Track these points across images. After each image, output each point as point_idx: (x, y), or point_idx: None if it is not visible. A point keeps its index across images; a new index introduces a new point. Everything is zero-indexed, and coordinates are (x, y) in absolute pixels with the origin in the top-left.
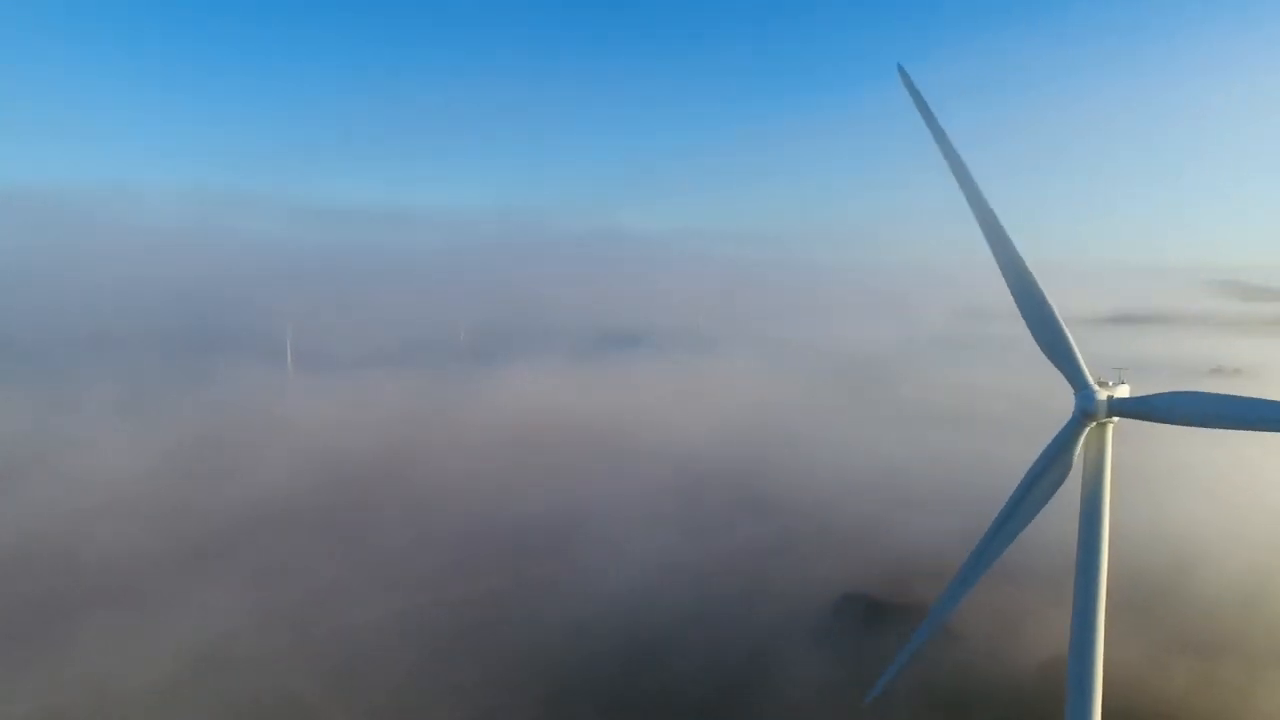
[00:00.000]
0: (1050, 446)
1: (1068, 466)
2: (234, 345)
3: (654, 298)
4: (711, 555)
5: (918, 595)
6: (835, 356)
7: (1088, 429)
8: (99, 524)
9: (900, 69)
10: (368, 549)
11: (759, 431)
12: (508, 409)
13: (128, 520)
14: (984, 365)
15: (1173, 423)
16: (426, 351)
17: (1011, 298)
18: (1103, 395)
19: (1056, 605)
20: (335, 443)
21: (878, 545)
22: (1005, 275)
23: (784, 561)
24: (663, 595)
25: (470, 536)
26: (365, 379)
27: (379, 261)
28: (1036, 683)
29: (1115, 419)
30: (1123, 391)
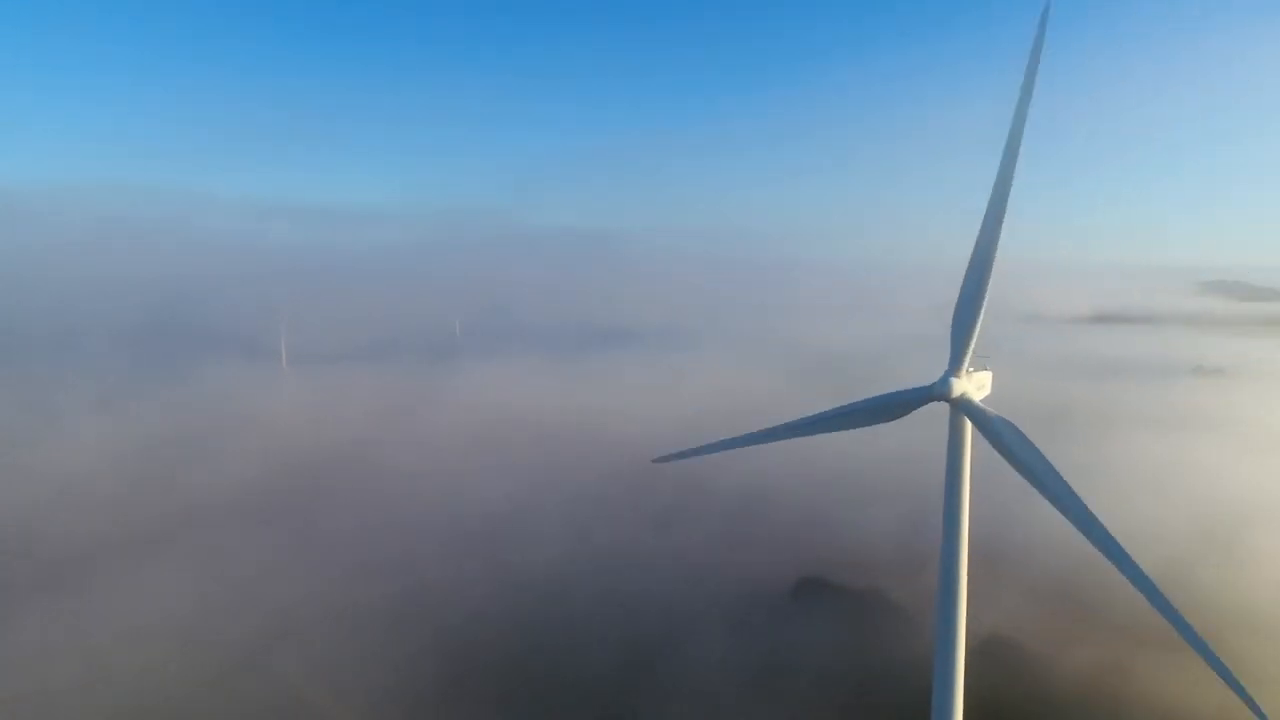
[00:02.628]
0: (894, 396)
1: (886, 417)
2: (190, 340)
3: (627, 294)
4: (678, 543)
5: (869, 579)
6: (811, 353)
7: (929, 404)
8: (60, 512)
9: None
10: (325, 539)
11: (727, 426)
12: (476, 405)
13: (84, 508)
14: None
15: (992, 444)
16: (389, 347)
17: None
18: (957, 391)
19: (995, 586)
20: (297, 436)
21: (835, 534)
22: (975, 252)
23: (748, 548)
24: (631, 582)
25: (423, 527)
26: (326, 374)
27: (324, 258)
28: (975, 658)
29: (973, 395)
30: (983, 379)
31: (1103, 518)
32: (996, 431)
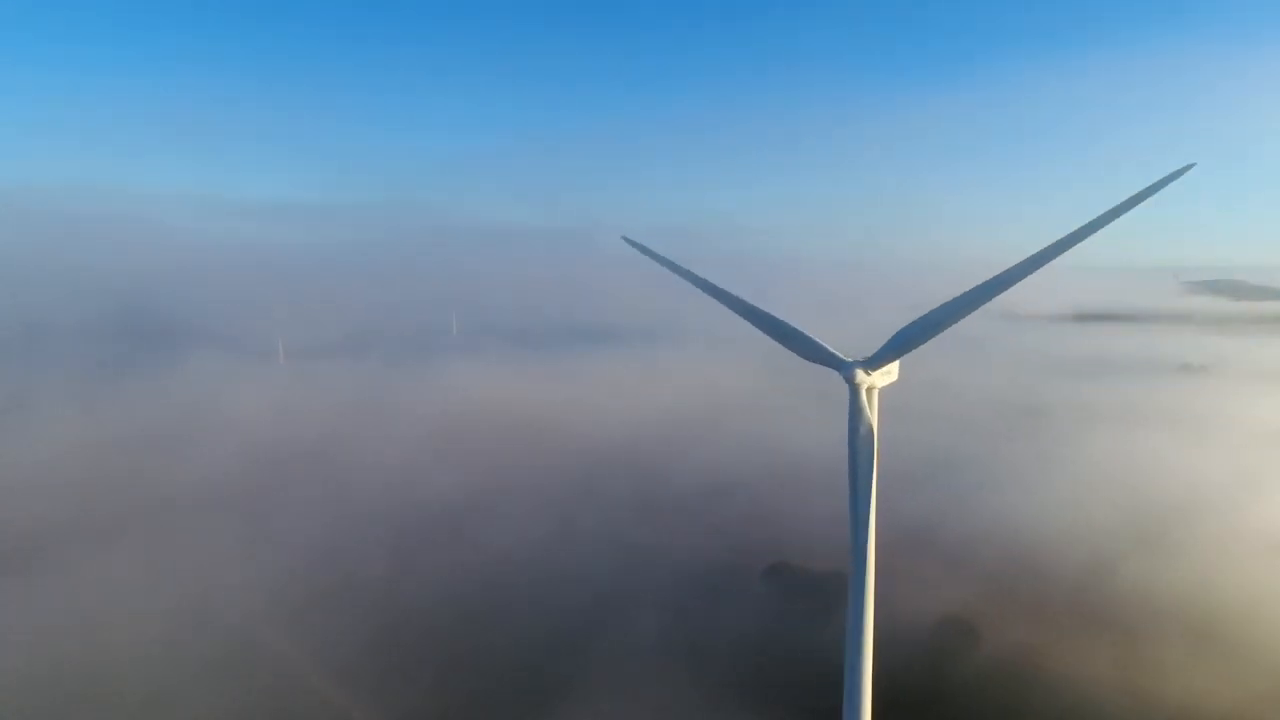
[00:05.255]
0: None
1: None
2: (152, 337)
3: (586, 292)
4: (652, 534)
5: (833, 563)
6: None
7: (864, 390)
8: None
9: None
10: (282, 531)
11: (706, 423)
12: (443, 400)
13: (56, 497)
14: (933, 361)
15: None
16: (355, 343)
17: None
18: (863, 384)
19: (954, 570)
20: (260, 431)
21: (803, 521)
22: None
23: (719, 536)
24: (608, 571)
25: (396, 520)
26: (299, 370)
27: (268, 255)
28: (933, 636)
29: (877, 386)
30: (890, 367)
31: (1072, 510)
32: (857, 421)
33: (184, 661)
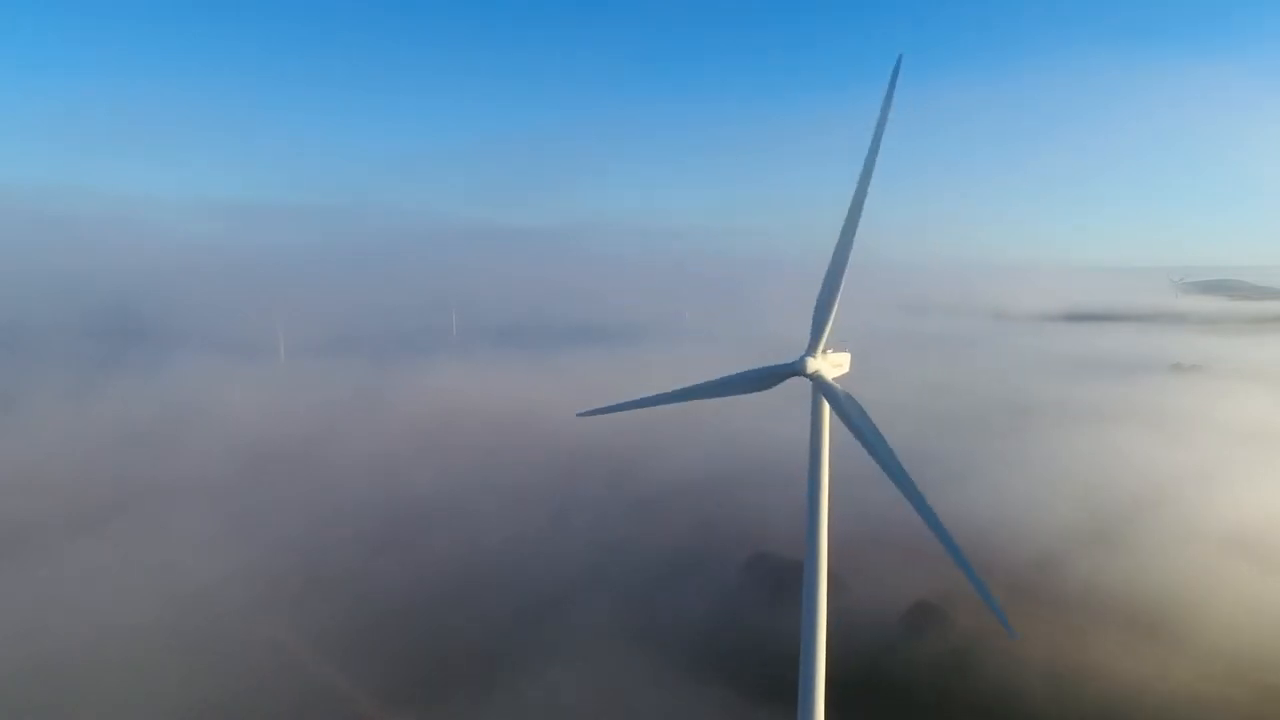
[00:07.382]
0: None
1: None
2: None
3: (563, 293)
4: (642, 529)
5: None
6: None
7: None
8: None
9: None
10: (273, 526)
11: (693, 420)
12: (429, 400)
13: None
14: (925, 360)
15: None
16: (339, 343)
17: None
18: (812, 368)
19: (924, 558)
20: (250, 429)
21: (787, 513)
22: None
23: (704, 531)
24: (591, 563)
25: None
26: (286, 370)
27: (246, 256)
28: (903, 621)
29: (824, 370)
30: (840, 359)
31: (1047, 506)
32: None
33: (178, 654)
